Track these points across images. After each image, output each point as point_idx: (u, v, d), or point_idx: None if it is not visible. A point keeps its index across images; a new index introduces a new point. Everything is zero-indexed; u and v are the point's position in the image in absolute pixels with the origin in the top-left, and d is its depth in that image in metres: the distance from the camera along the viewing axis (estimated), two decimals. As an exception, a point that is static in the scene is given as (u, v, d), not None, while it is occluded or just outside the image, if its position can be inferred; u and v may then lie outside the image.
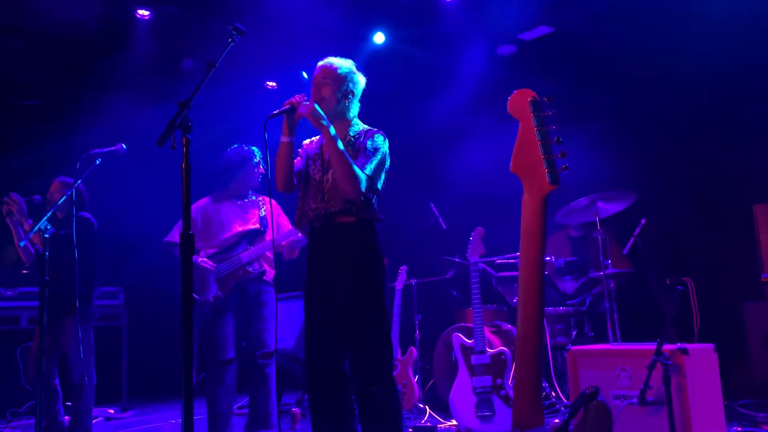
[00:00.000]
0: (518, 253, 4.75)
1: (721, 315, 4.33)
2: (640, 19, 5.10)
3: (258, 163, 4.05)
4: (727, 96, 4.80)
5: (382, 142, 2.89)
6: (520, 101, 1.71)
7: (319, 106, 2.83)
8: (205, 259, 3.89)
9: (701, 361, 3.18)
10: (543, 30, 5.76)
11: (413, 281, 5.02)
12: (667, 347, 3.04)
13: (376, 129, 2.95)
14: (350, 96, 2.92)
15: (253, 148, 4.06)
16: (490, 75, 5.95)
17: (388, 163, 2.92)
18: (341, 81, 2.90)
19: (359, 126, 2.97)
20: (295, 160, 2.99)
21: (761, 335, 3.98)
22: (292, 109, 2.81)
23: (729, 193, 4.83)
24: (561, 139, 1.71)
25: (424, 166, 6.23)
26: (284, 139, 2.87)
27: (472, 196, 5.60)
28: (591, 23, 5.43)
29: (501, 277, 4.97)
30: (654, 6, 4.99)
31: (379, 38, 6.10)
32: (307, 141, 3.10)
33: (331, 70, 2.92)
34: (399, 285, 4.82)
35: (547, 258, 4.76)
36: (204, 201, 4.09)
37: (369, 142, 2.86)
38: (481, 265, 4.78)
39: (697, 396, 3.04)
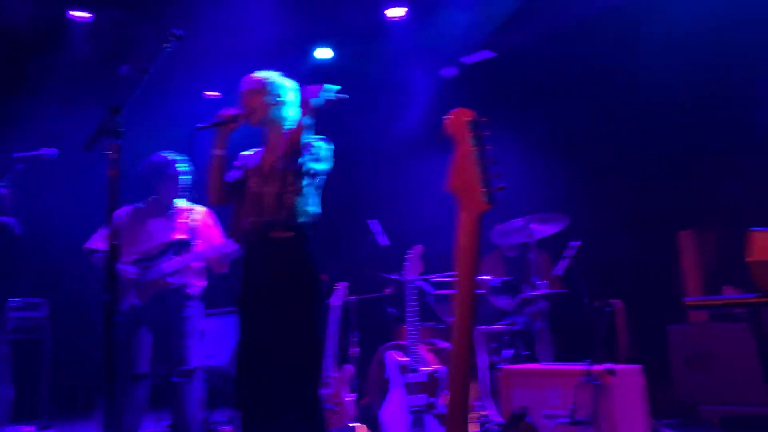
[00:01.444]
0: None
1: (647, 336, 4.48)
2: (578, 49, 5.29)
3: (178, 172, 3.87)
4: (656, 127, 5.02)
5: (323, 146, 2.91)
6: (458, 121, 1.73)
7: (252, 118, 2.85)
8: (125, 266, 3.72)
9: (628, 382, 3.27)
10: (485, 54, 5.90)
11: (352, 298, 4.99)
12: (596, 368, 3.12)
13: (318, 136, 2.96)
14: (278, 100, 2.92)
15: (170, 156, 3.88)
16: (432, 95, 6.03)
17: (328, 166, 2.93)
18: (266, 89, 2.91)
19: None
20: (232, 172, 2.96)
21: (683, 357, 4.13)
22: (224, 121, 2.80)
23: (656, 220, 5.04)
24: (497, 160, 1.75)
25: (367, 182, 6.25)
26: (217, 152, 2.85)
27: (414, 213, 5.65)
28: (531, 50, 5.61)
29: (438, 295, 5.00)
30: (592, 39, 5.19)
31: (323, 53, 6.11)
32: (246, 152, 3.06)
33: (254, 81, 2.93)
34: (337, 302, 4.78)
35: (485, 277, 4.83)
36: (130, 208, 3.94)
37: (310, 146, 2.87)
38: (419, 283, 4.79)
39: (624, 416, 3.13)
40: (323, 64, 6.16)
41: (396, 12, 5.60)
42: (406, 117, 6.05)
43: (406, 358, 3.89)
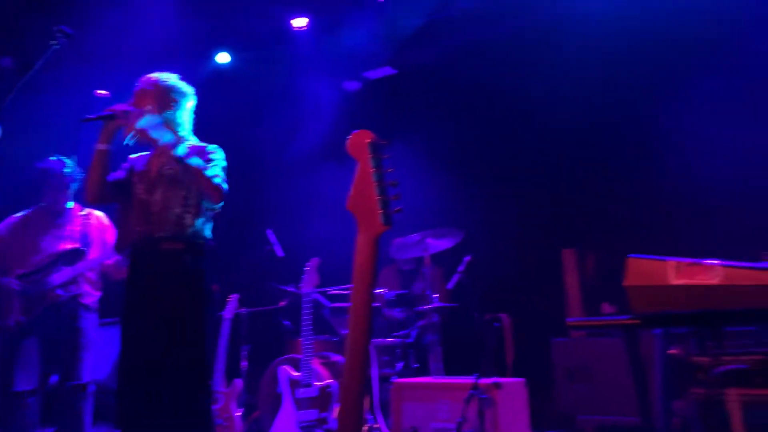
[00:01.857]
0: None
1: (533, 349, 4.69)
2: (475, 71, 5.49)
3: (66, 179, 3.67)
4: (547, 149, 5.28)
5: (219, 158, 2.81)
6: (359, 142, 1.74)
7: (143, 120, 2.72)
8: (11, 279, 3.49)
9: (513, 395, 3.41)
10: (387, 71, 5.99)
11: (244, 310, 4.88)
12: (484, 381, 3.22)
13: (212, 145, 2.86)
14: (173, 105, 2.82)
15: (58, 161, 3.68)
16: (335, 108, 6.05)
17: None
18: (162, 91, 2.80)
19: (192, 140, 2.88)
20: (117, 172, 2.83)
21: (564, 369, 4.35)
22: (113, 116, 2.66)
23: (543, 238, 5.29)
24: (397, 182, 1.77)
25: (265, 192, 6.14)
26: (100, 146, 2.71)
27: (312, 224, 5.61)
28: (431, 70, 5.77)
29: (334, 308, 5.00)
30: (491, 62, 5.39)
31: (223, 58, 5.96)
32: (135, 155, 2.93)
33: (150, 82, 2.82)
34: (228, 314, 4.66)
35: (380, 290, 4.88)
36: (17, 219, 3.69)
37: (204, 158, 2.76)
38: (315, 296, 4.77)
39: (508, 428, 3.25)
40: (223, 69, 6.01)
41: (299, 22, 5.57)
42: (308, 128, 6.01)
43: (298, 373, 3.85)
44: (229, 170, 2.88)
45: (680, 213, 4.63)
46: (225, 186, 2.76)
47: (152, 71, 2.89)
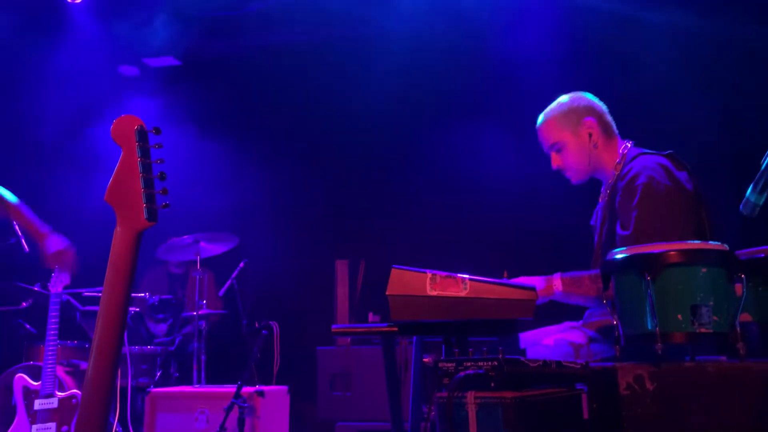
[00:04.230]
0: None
1: (301, 358, 4.74)
2: (264, 72, 5.45)
3: None
4: (328, 161, 5.41)
5: None
6: (125, 128, 1.60)
7: None
8: None
9: (275, 402, 3.41)
10: (170, 61, 5.68)
11: (-27, 310, 4.25)
12: (247, 389, 3.17)
13: None
14: None
15: None
16: (108, 91, 5.55)
17: None
18: None
19: None
20: None
21: (327, 376, 4.45)
22: None
23: (319, 248, 5.39)
24: (165, 175, 1.66)
25: (12, 176, 5.39)
26: None
27: (67, 218, 5.06)
28: (219, 66, 5.61)
29: (87, 312, 4.56)
30: (281, 63, 5.38)
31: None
32: None
33: None
34: (-48, 314, 4.02)
35: (141, 294, 4.58)
36: None
37: None
38: (65, 297, 4.32)
39: (268, 435, 3.23)
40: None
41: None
42: (76, 108, 5.42)
43: (37, 382, 3.44)
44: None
45: (445, 231, 5.05)
46: None
47: None
